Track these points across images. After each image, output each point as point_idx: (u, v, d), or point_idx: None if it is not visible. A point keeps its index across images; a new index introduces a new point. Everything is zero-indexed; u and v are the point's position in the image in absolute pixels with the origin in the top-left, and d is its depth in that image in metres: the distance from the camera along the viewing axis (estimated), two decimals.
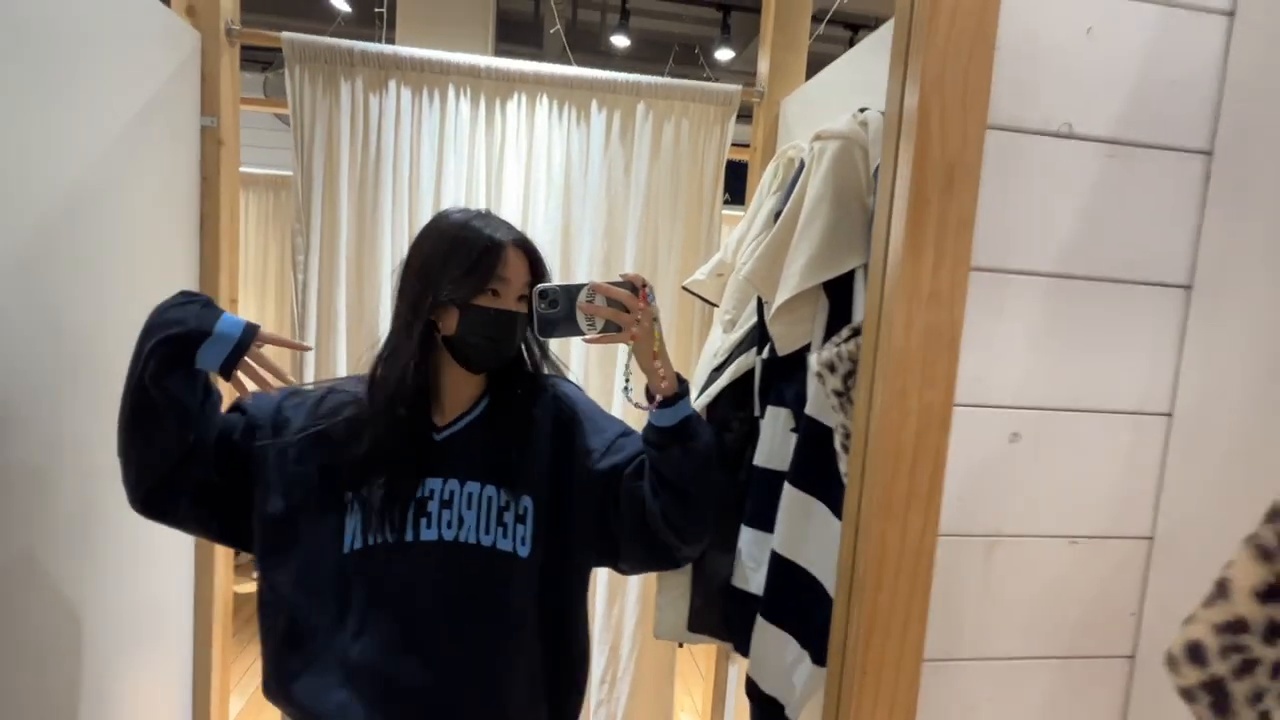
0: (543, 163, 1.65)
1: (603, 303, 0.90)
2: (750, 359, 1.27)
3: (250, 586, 3.51)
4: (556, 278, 1.66)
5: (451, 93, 1.59)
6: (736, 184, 1.75)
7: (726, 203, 1.79)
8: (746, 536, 1.23)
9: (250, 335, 0.86)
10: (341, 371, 1.62)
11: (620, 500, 0.96)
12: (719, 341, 1.37)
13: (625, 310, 0.90)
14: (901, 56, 0.59)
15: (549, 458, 0.98)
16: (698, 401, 1.32)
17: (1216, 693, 0.44)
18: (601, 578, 1.78)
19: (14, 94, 0.99)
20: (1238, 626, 0.43)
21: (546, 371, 1.04)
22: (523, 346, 1.00)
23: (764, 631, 1.12)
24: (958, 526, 0.63)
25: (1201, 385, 0.64)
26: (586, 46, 4.40)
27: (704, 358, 1.42)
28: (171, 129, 1.41)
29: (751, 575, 1.21)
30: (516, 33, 4.35)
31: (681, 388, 0.93)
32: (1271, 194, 0.59)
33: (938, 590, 0.63)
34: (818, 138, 1.11)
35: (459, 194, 1.62)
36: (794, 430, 1.14)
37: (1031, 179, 0.61)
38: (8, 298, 0.99)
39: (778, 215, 1.21)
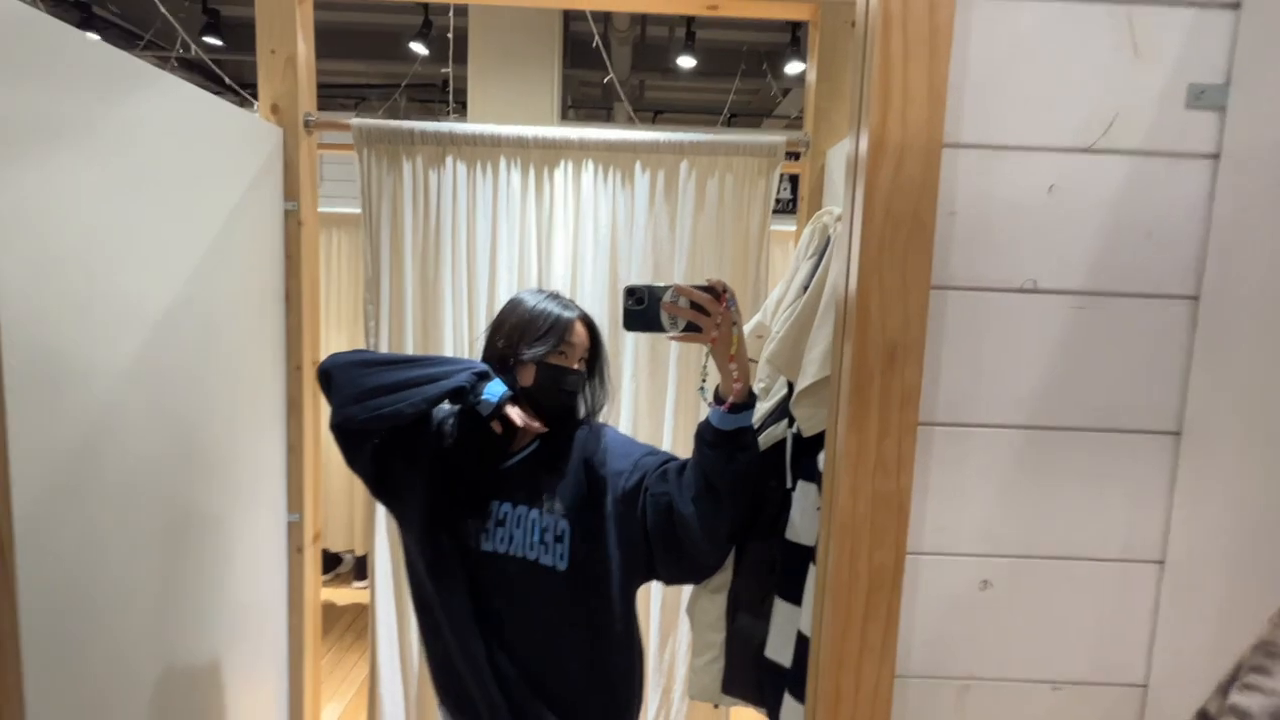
0: (590, 224, 1.74)
1: (685, 304, 1.00)
2: (781, 429, 1.31)
3: (346, 596, 3.81)
4: (601, 333, 1.79)
5: (503, 164, 1.71)
6: (792, 193, 1.76)
7: (779, 211, 1.82)
8: (778, 607, 1.26)
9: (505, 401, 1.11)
10: None
11: (648, 507, 1.11)
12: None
13: (706, 313, 1.00)
14: (845, 238, 0.62)
15: (582, 485, 1.15)
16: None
17: None
18: (654, 624, 1.86)
19: (130, 202, 1.17)
20: None
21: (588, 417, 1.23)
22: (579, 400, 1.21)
23: (791, 708, 1.15)
24: (927, 669, 0.65)
25: (1195, 532, 0.63)
26: (654, 64, 4.47)
27: None
28: (260, 215, 1.61)
29: (782, 647, 1.24)
30: (585, 58, 4.48)
31: (750, 399, 1.07)
32: (1264, 336, 0.58)
33: None
34: (839, 219, 1.13)
35: (512, 258, 1.74)
36: (820, 509, 1.16)
37: (993, 335, 0.62)
38: (131, 386, 1.20)
39: (808, 285, 1.24)
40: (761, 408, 1.39)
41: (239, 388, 1.53)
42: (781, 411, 1.32)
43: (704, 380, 1.13)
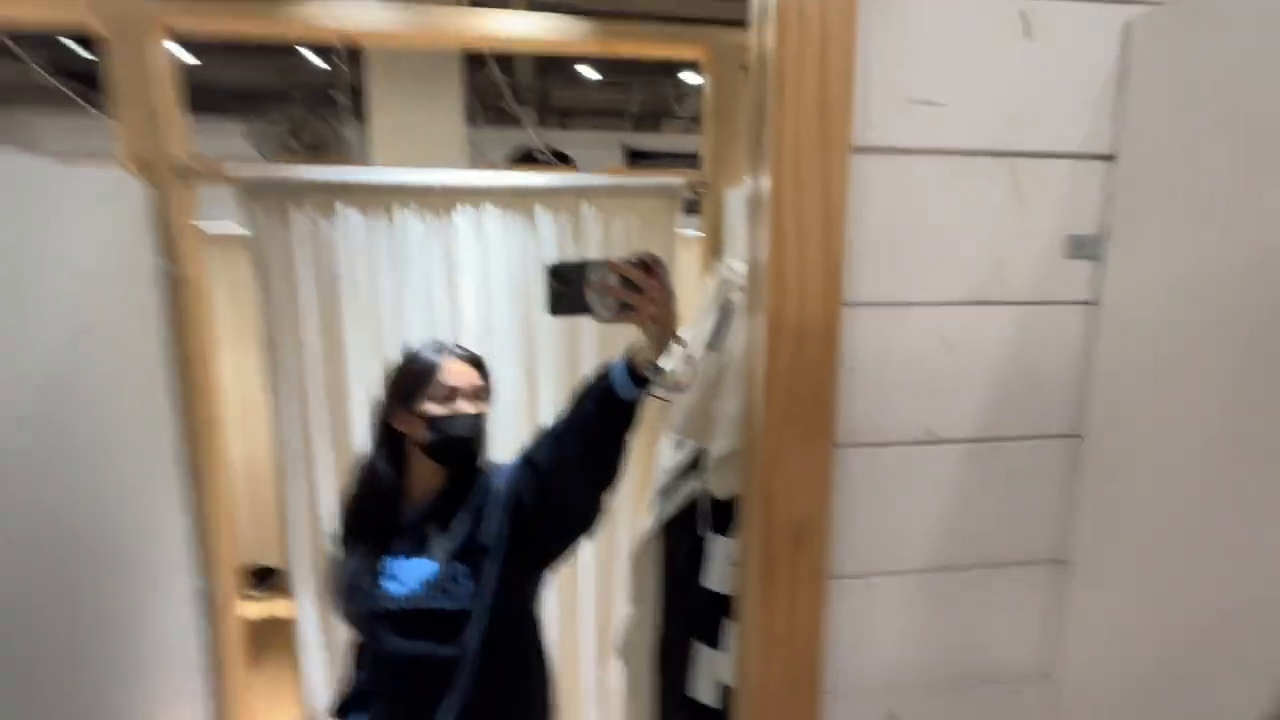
0: (499, 269, 1.62)
1: (616, 282, 0.84)
2: (696, 480, 1.26)
3: (287, 609, 3.55)
4: (516, 379, 1.64)
5: (399, 210, 1.55)
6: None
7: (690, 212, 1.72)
8: (699, 651, 1.23)
9: None
10: (322, 482, 1.62)
11: (523, 495, 1.06)
12: (669, 459, 1.36)
13: (639, 291, 0.84)
14: (751, 402, 0.56)
15: (479, 524, 1.09)
16: (653, 521, 1.31)
17: None
18: (588, 645, 1.81)
19: None
20: None
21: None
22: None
23: None
24: None
25: (1082, 650, 0.62)
26: (558, 70, 4.25)
27: (657, 470, 1.41)
28: (134, 282, 1.39)
29: (706, 689, 1.22)
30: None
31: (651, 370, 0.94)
32: (1141, 469, 0.56)
33: None
34: (740, 288, 1.07)
35: (417, 306, 1.60)
36: (734, 565, 1.13)
37: (893, 487, 0.58)
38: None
39: (713, 342, 1.18)
40: (678, 458, 1.34)
41: (126, 464, 1.33)
42: (694, 465, 1.27)
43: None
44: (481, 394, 1.10)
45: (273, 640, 3.15)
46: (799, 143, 0.47)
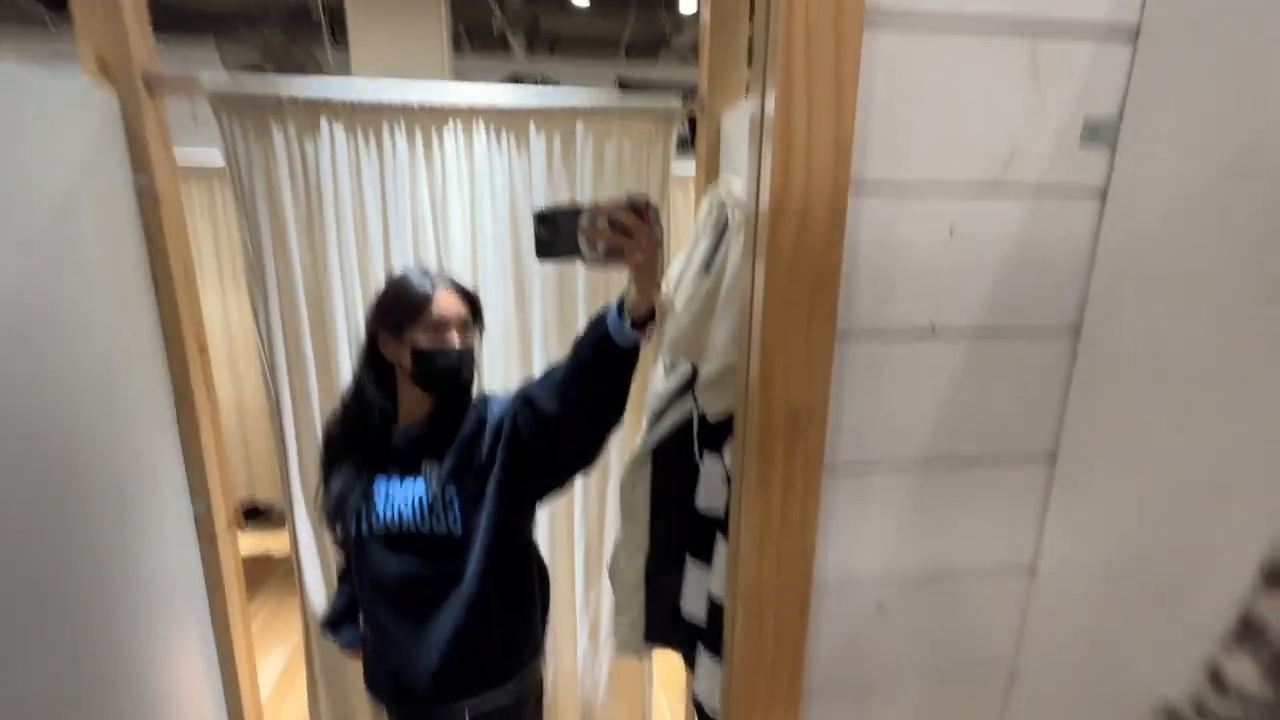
0: (486, 191, 1.57)
1: (604, 226, 0.83)
2: (688, 403, 1.26)
3: (283, 544, 3.59)
4: (505, 302, 1.62)
5: (386, 129, 1.48)
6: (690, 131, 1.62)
7: (681, 151, 1.69)
8: (691, 567, 1.27)
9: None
10: (315, 408, 1.62)
11: (522, 428, 1.07)
12: (660, 383, 1.35)
13: (628, 235, 0.84)
14: (749, 291, 0.55)
15: (471, 452, 1.10)
16: (643, 444, 1.32)
17: None
18: (579, 565, 1.85)
19: None
20: None
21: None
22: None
23: (705, 659, 1.18)
24: (829, 687, 0.65)
25: (1064, 542, 0.64)
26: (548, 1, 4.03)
27: (650, 395, 1.41)
28: (105, 197, 1.33)
29: (694, 602, 1.26)
30: None
31: (651, 313, 0.96)
32: (1135, 365, 0.56)
33: None
34: (738, 204, 1.05)
35: (405, 229, 1.55)
36: (727, 482, 1.15)
37: (894, 378, 0.58)
38: None
39: (709, 263, 1.16)
40: (670, 383, 1.34)
41: (112, 390, 1.31)
42: (687, 387, 1.27)
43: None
44: (469, 326, 1.10)
45: (266, 576, 3.22)
46: (811, 10, 0.44)
